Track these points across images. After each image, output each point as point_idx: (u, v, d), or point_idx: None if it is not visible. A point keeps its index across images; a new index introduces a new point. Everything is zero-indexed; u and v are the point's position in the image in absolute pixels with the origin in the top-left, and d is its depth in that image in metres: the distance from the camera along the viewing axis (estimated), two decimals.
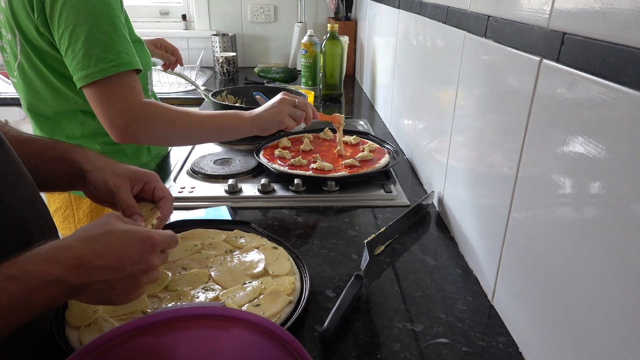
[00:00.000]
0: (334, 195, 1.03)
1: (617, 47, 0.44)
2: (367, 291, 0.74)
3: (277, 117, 1.00)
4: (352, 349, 0.62)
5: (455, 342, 0.64)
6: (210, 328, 0.50)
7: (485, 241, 0.75)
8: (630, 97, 0.42)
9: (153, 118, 0.94)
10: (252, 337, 0.49)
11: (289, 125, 1.01)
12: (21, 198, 0.57)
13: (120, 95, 0.92)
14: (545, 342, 0.57)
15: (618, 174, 0.44)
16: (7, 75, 2.15)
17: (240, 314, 0.51)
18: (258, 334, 0.49)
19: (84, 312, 0.62)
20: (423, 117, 1.13)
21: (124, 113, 0.91)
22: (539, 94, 0.58)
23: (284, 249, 0.78)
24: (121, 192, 0.70)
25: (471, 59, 0.81)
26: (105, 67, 0.89)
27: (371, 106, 1.81)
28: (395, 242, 0.88)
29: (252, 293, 0.67)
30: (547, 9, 0.56)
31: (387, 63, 1.54)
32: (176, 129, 0.97)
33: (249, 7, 2.40)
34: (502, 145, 0.69)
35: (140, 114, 0.93)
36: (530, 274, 0.60)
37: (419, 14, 1.13)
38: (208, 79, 2.23)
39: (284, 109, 1.01)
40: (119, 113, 0.91)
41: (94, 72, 0.89)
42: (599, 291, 0.47)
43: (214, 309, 0.51)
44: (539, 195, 0.58)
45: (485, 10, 0.75)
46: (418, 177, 1.16)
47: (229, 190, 1.03)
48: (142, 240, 0.55)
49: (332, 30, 1.76)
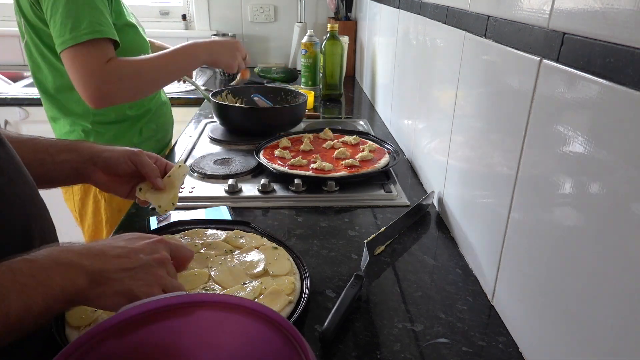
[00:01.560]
0: (334, 195, 1.03)
1: (617, 47, 0.44)
2: (367, 291, 0.74)
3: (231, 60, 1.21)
4: (352, 349, 0.62)
5: (455, 342, 0.64)
6: (206, 317, 0.51)
7: (485, 241, 0.75)
8: (630, 97, 0.42)
9: (120, 73, 1.04)
10: (253, 324, 0.49)
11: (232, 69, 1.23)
12: (22, 195, 0.57)
13: (91, 60, 1.01)
14: (545, 342, 0.57)
15: (618, 174, 0.44)
16: (7, 75, 2.15)
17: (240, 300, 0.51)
18: (259, 321, 0.49)
19: (84, 312, 0.62)
20: (423, 117, 1.13)
21: (95, 75, 1.01)
22: (539, 94, 0.58)
23: (284, 249, 0.78)
24: (143, 157, 0.75)
25: (471, 59, 0.81)
26: (77, 35, 0.99)
27: (371, 106, 1.81)
28: (395, 242, 0.88)
29: (252, 293, 0.67)
30: (547, 8, 0.56)
31: (387, 63, 1.54)
32: (143, 76, 1.08)
33: (249, 7, 2.40)
34: (502, 145, 0.69)
35: (109, 73, 1.02)
36: (530, 274, 0.60)
37: (419, 14, 1.13)
38: (208, 79, 2.23)
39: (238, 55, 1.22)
40: (91, 76, 1.01)
41: (68, 38, 1.00)
42: (599, 291, 0.47)
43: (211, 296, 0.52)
44: (539, 195, 0.58)
45: (485, 10, 0.75)
46: (418, 177, 1.16)
47: (229, 190, 1.03)
48: (149, 236, 0.58)
49: (332, 30, 1.76)
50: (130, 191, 0.80)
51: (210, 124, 1.51)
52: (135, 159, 0.75)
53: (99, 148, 0.75)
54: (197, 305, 0.51)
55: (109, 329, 0.47)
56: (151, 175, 0.76)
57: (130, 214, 0.96)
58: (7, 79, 2.12)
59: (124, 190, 0.79)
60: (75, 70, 1.01)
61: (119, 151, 0.75)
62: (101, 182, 0.76)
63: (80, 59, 1.01)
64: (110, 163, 0.73)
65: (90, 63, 1.01)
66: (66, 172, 0.73)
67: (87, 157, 0.73)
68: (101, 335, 0.47)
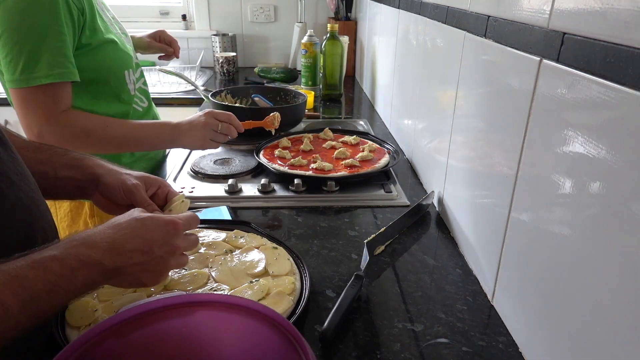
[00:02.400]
0: (334, 195, 1.03)
1: (617, 47, 0.44)
2: (367, 291, 0.74)
3: (199, 142, 1.05)
4: (352, 349, 0.62)
5: (455, 342, 0.64)
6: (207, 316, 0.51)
7: (485, 241, 0.75)
8: (630, 97, 0.42)
9: (71, 129, 0.97)
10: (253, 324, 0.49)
11: (211, 147, 1.09)
12: (24, 197, 0.57)
13: (42, 108, 0.93)
14: (545, 342, 0.57)
15: (618, 174, 0.44)
16: None
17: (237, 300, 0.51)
18: (259, 321, 0.49)
19: (84, 312, 0.62)
20: (423, 117, 1.13)
21: (44, 125, 0.94)
22: (539, 94, 0.58)
23: (284, 249, 0.78)
24: (140, 191, 0.72)
25: (471, 59, 0.81)
26: (30, 77, 0.91)
27: (371, 106, 1.81)
28: (395, 242, 0.88)
29: (260, 292, 0.67)
30: (547, 8, 0.56)
31: (387, 63, 1.54)
32: (92, 139, 1.00)
33: (249, 7, 2.40)
34: (502, 145, 0.69)
35: (58, 125, 0.95)
36: (530, 274, 0.60)
37: (419, 14, 1.13)
38: (208, 79, 2.23)
39: (206, 134, 1.04)
40: (35, 121, 0.94)
41: (18, 79, 0.91)
42: (599, 291, 0.47)
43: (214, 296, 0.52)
44: (539, 195, 0.58)
45: (485, 10, 0.75)
46: (418, 177, 1.16)
47: (229, 190, 1.03)
48: (165, 224, 0.58)
49: (332, 30, 1.76)
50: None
51: None
52: (129, 195, 0.72)
53: (101, 170, 0.73)
54: (197, 305, 0.51)
55: (109, 329, 0.48)
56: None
57: None
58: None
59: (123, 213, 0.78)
60: (24, 113, 0.94)
61: (117, 181, 0.72)
62: (100, 204, 0.75)
63: (32, 104, 0.93)
64: (108, 190, 0.72)
65: (42, 110, 0.92)
66: (68, 189, 0.73)
67: (89, 177, 0.72)
68: (101, 335, 0.47)
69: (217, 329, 0.50)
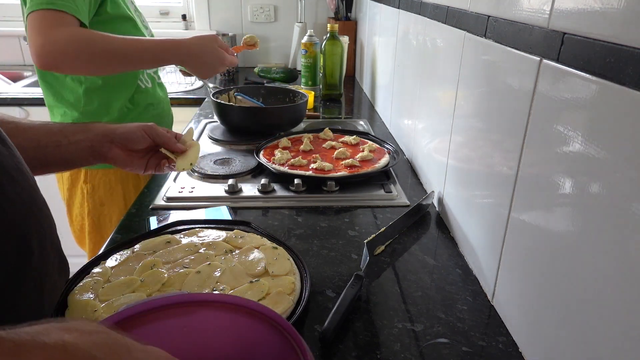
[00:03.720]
0: (334, 195, 1.03)
1: (617, 47, 0.44)
2: (367, 291, 0.74)
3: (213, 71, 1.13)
4: (352, 349, 0.62)
5: (455, 342, 0.64)
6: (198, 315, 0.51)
7: (485, 241, 0.75)
8: (630, 97, 0.42)
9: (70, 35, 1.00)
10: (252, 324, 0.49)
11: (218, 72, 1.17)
12: (22, 193, 0.57)
13: (51, 26, 0.99)
14: (545, 342, 0.57)
15: (618, 174, 0.44)
16: (7, 75, 2.15)
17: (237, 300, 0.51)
18: (258, 321, 0.49)
19: (84, 312, 0.62)
20: (423, 117, 1.13)
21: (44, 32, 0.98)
22: (539, 94, 0.58)
23: (284, 249, 0.78)
24: (158, 129, 0.78)
25: (471, 59, 0.81)
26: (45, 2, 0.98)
27: (371, 106, 1.81)
28: (395, 242, 0.88)
29: (260, 292, 0.67)
30: (547, 9, 0.56)
31: (387, 63, 1.54)
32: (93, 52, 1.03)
33: (249, 7, 2.40)
34: (502, 145, 0.69)
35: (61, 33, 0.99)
36: (530, 274, 0.60)
37: (419, 14, 1.13)
38: (208, 79, 2.23)
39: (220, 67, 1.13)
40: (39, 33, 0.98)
41: (37, 2, 0.98)
42: (599, 291, 0.47)
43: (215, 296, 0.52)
44: (539, 195, 0.58)
45: (485, 10, 0.75)
46: (418, 177, 1.16)
47: (229, 190, 1.03)
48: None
49: (332, 30, 1.76)
50: (146, 165, 0.83)
51: (210, 124, 1.51)
52: (150, 132, 0.78)
53: (112, 126, 0.77)
54: (197, 305, 0.51)
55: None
56: (170, 143, 0.80)
57: (130, 214, 0.96)
58: (7, 79, 2.12)
59: (141, 164, 0.82)
60: (34, 32, 0.99)
61: (133, 126, 0.78)
62: (118, 159, 0.77)
63: (38, 22, 0.99)
64: (127, 138, 0.75)
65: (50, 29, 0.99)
66: (83, 152, 0.75)
67: (102, 135, 0.74)
68: None
69: (217, 328, 0.50)
